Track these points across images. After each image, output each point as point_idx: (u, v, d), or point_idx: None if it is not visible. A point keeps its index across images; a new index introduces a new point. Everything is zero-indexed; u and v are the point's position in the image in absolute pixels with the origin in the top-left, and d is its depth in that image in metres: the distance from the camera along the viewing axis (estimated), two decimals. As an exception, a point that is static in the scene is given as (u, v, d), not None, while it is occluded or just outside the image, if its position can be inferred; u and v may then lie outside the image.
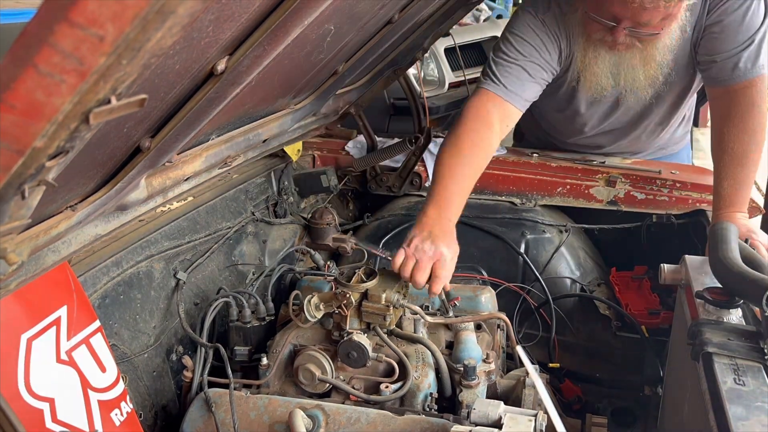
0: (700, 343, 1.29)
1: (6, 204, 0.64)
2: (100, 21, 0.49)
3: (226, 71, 0.98)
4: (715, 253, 1.46)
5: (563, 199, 2.37)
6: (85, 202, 1.07)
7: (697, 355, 1.29)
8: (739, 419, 1.09)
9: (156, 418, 1.60)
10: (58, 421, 1.19)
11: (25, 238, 0.91)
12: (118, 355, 1.48)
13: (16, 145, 0.55)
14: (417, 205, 2.49)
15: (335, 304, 1.54)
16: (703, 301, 1.41)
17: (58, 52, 0.50)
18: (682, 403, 1.42)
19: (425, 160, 2.56)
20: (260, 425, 1.43)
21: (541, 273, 2.19)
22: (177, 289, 1.73)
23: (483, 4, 7.18)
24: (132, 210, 1.34)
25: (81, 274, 1.43)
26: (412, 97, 2.47)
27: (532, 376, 1.48)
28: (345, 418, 1.40)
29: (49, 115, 0.53)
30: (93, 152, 0.90)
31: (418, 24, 1.89)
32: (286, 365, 1.58)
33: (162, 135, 1.05)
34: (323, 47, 1.33)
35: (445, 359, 1.58)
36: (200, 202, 1.94)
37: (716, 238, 1.51)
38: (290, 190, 2.47)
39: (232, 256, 2.03)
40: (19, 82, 0.52)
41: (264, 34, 0.96)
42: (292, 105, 1.70)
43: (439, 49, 5.04)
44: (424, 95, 4.47)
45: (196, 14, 0.65)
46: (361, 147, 2.64)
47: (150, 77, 0.79)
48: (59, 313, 1.24)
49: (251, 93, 1.29)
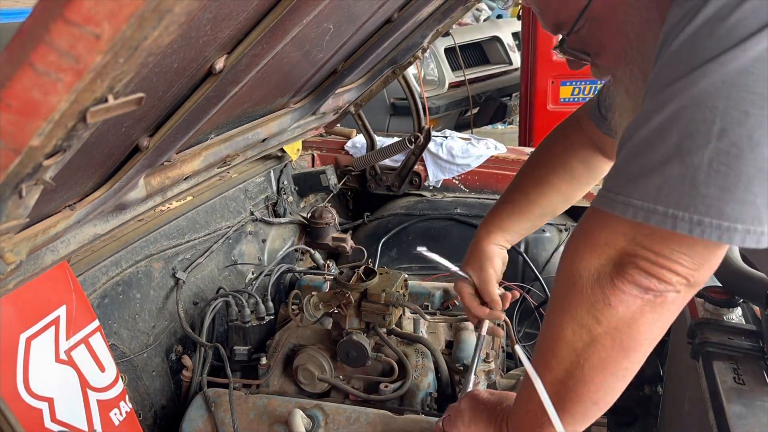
0: (700, 342, 1.29)
1: (3, 203, 0.64)
2: (96, 19, 0.49)
3: (225, 70, 0.98)
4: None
5: (563, 198, 2.37)
6: (83, 202, 1.07)
7: (696, 354, 1.29)
8: (738, 418, 1.09)
9: (155, 417, 1.60)
10: (57, 421, 1.19)
11: (23, 237, 0.91)
12: (117, 355, 1.48)
13: (12, 144, 0.55)
14: (417, 204, 2.50)
15: (335, 304, 1.54)
16: (703, 300, 1.41)
17: (54, 50, 0.50)
18: (682, 402, 1.42)
19: (425, 160, 2.57)
20: (260, 425, 1.43)
21: (541, 272, 2.19)
22: (176, 289, 1.73)
23: (483, 3, 7.19)
24: (131, 209, 1.33)
25: (80, 273, 1.43)
26: (412, 97, 2.47)
27: (531, 376, 1.47)
28: (344, 417, 1.40)
29: (45, 114, 0.53)
30: (91, 151, 0.90)
31: (417, 23, 1.89)
32: (285, 365, 1.58)
33: (160, 134, 1.05)
34: (322, 46, 1.33)
35: (445, 359, 1.57)
36: (199, 202, 1.94)
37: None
38: (290, 190, 2.47)
39: (232, 256, 2.03)
40: (15, 80, 0.52)
41: (262, 32, 0.96)
42: (291, 104, 1.70)
43: (439, 49, 5.05)
44: (424, 95, 4.48)
45: (193, 12, 0.64)
46: (361, 146, 2.64)
47: (148, 76, 0.79)
48: (58, 313, 1.24)
49: (250, 92, 1.29)
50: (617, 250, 0.85)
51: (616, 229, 0.85)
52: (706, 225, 0.75)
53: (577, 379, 0.91)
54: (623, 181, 0.83)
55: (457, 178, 2.53)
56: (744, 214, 0.74)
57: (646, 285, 0.84)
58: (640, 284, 0.84)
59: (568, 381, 0.92)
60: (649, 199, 0.79)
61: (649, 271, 0.84)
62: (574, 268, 0.89)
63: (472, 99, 5.00)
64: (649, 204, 0.79)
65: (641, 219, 0.80)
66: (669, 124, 0.77)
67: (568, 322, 0.90)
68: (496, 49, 5.52)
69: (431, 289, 1.85)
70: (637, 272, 0.84)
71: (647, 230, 0.82)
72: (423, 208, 2.45)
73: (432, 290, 1.84)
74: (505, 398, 1.14)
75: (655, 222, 0.79)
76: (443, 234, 2.35)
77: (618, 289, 0.86)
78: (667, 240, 0.82)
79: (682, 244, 0.82)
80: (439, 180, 2.56)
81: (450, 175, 2.54)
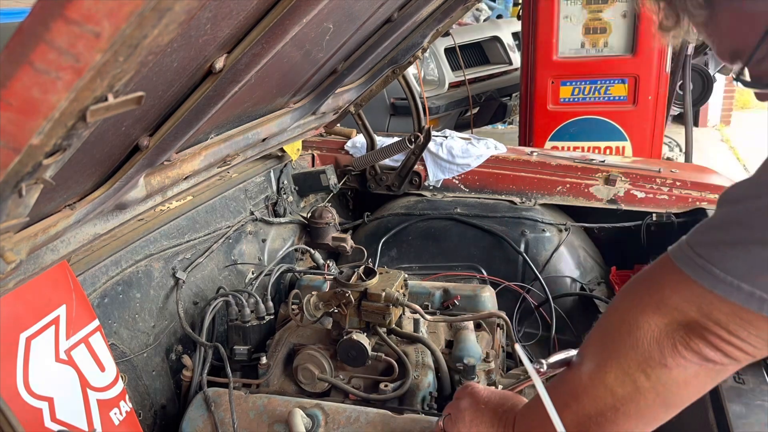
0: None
1: (3, 202, 0.64)
2: (96, 17, 0.49)
3: (225, 69, 0.98)
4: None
5: (563, 197, 2.37)
6: (83, 201, 1.07)
7: (697, 353, 1.29)
8: (738, 417, 1.09)
9: (155, 417, 1.60)
10: (57, 421, 1.19)
11: (23, 236, 0.91)
12: (117, 355, 1.48)
13: (12, 143, 0.55)
14: (417, 204, 2.50)
15: (335, 304, 1.54)
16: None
17: (54, 49, 0.50)
18: (682, 401, 1.42)
19: (425, 160, 2.56)
20: (260, 425, 1.43)
21: (541, 272, 2.19)
22: (176, 289, 1.73)
23: (483, 4, 7.19)
24: (131, 209, 1.33)
25: (80, 273, 1.43)
26: (412, 97, 2.47)
27: (531, 376, 1.47)
28: (344, 417, 1.40)
29: (45, 113, 0.53)
30: (91, 150, 0.90)
31: (417, 23, 1.89)
32: (285, 364, 1.58)
33: (160, 133, 1.05)
34: (322, 46, 1.33)
35: (445, 358, 1.57)
36: (199, 201, 1.94)
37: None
38: (290, 190, 2.47)
39: (232, 256, 2.03)
40: (15, 79, 0.52)
41: (262, 32, 0.96)
42: (291, 104, 1.70)
43: (439, 49, 5.04)
44: (424, 95, 4.48)
45: (193, 11, 0.64)
46: (361, 146, 2.64)
47: (147, 75, 0.79)
48: (58, 312, 1.24)
49: (250, 91, 1.28)
50: (687, 318, 0.81)
51: (691, 297, 0.80)
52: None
53: (609, 419, 0.88)
54: (712, 245, 0.78)
55: (457, 178, 2.53)
56: None
57: (711, 358, 0.81)
58: (706, 356, 0.81)
59: (598, 418, 0.89)
60: (736, 274, 0.74)
61: (718, 347, 0.80)
62: (632, 318, 0.85)
63: (472, 99, 5.00)
64: (733, 279, 0.74)
65: (720, 292, 0.75)
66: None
67: (612, 367, 0.87)
68: (496, 49, 5.52)
69: (431, 289, 1.85)
70: (704, 345, 0.80)
71: (726, 307, 0.77)
72: (423, 208, 2.45)
73: (432, 290, 1.84)
74: (506, 398, 1.12)
75: (736, 299, 0.75)
76: (443, 234, 2.36)
77: (679, 354, 0.82)
78: (745, 321, 0.77)
79: (759, 327, 0.77)
80: (439, 180, 2.56)
81: (450, 175, 2.55)
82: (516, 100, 5.25)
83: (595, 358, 0.91)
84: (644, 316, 0.84)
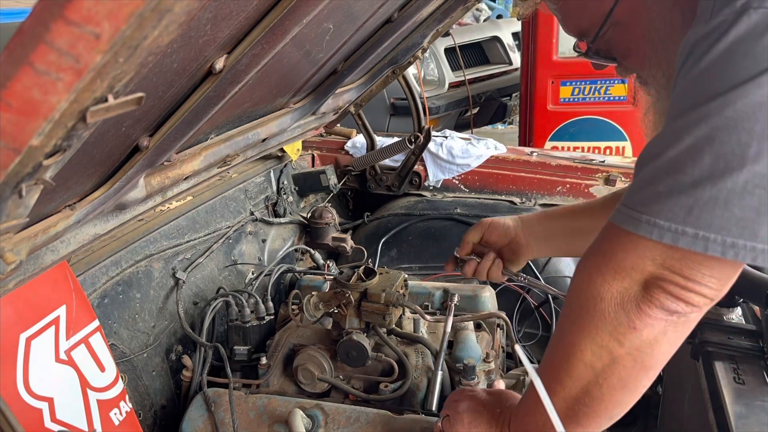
0: (700, 341, 1.29)
1: (3, 203, 0.64)
2: (96, 18, 0.49)
3: (225, 70, 0.98)
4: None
5: (563, 198, 2.37)
6: (83, 202, 1.07)
7: (696, 354, 1.29)
8: (739, 418, 1.08)
9: (155, 417, 1.60)
10: (57, 421, 1.19)
11: (23, 237, 0.91)
12: (117, 355, 1.48)
13: (12, 144, 0.55)
14: (417, 204, 2.50)
15: (335, 304, 1.54)
16: (703, 300, 1.41)
17: (54, 50, 0.50)
18: (682, 402, 1.42)
19: (425, 160, 2.56)
20: (260, 425, 1.43)
21: (541, 272, 2.19)
22: (176, 289, 1.73)
23: (483, 4, 7.18)
24: (131, 209, 1.33)
25: (80, 273, 1.43)
26: (412, 97, 2.47)
27: (531, 376, 1.47)
28: (344, 417, 1.40)
29: (45, 113, 0.53)
30: (91, 151, 0.90)
31: (417, 23, 1.89)
32: (285, 365, 1.58)
33: (160, 134, 1.05)
34: (322, 46, 1.33)
35: (445, 359, 1.57)
36: (199, 202, 1.94)
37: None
38: (290, 190, 2.47)
39: (232, 256, 2.03)
40: (15, 80, 0.52)
41: (262, 32, 0.96)
42: (291, 104, 1.70)
43: (439, 49, 5.04)
44: (424, 95, 4.47)
45: (193, 12, 0.64)
46: (361, 146, 2.64)
47: (147, 75, 0.79)
48: (58, 313, 1.24)
49: (250, 92, 1.28)
50: (644, 275, 0.83)
51: (643, 253, 0.82)
52: (740, 247, 0.74)
53: (595, 397, 0.90)
54: (648, 200, 0.81)
55: (457, 178, 2.53)
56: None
57: (674, 309, 0.83)
58: (668, 308, 0.83)
59: (584, 398, 0.90)
60: (677, 220, 0.77)
61: (678, 295, 0.82)
62: (594, 290, 0.87)
63: (472, 99, 5.00)
64: (677, 225, 0.77)
65: (668, 240, 0.78)
66: (701, 146, 0.75)
67: (587, 343, 0.88)
68: (496, 49, 5.52)
69: (431, 289, 1.85)
70: (664, 296, 0.82)
71: (677, 254, 0.80)
72: (423, 208, 2.45)
73: (432, 290, 1.84)
74: (504, 398, 1.13)
75: (684, 244, 0.77)
76: (443, 234, 2.35)
77: (644, 313, 0.84)
78: (696, 263, 0.80)
79: (711, 267, 0.80)
80: (439, 180, 2.56)
81: (450, 175, 2.55)
82: (516, 100, 5.25)
83: (567, 339, 0.92)
84: (604, 286, 0.86)
